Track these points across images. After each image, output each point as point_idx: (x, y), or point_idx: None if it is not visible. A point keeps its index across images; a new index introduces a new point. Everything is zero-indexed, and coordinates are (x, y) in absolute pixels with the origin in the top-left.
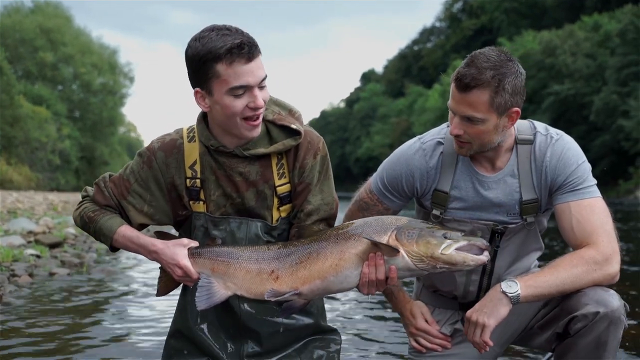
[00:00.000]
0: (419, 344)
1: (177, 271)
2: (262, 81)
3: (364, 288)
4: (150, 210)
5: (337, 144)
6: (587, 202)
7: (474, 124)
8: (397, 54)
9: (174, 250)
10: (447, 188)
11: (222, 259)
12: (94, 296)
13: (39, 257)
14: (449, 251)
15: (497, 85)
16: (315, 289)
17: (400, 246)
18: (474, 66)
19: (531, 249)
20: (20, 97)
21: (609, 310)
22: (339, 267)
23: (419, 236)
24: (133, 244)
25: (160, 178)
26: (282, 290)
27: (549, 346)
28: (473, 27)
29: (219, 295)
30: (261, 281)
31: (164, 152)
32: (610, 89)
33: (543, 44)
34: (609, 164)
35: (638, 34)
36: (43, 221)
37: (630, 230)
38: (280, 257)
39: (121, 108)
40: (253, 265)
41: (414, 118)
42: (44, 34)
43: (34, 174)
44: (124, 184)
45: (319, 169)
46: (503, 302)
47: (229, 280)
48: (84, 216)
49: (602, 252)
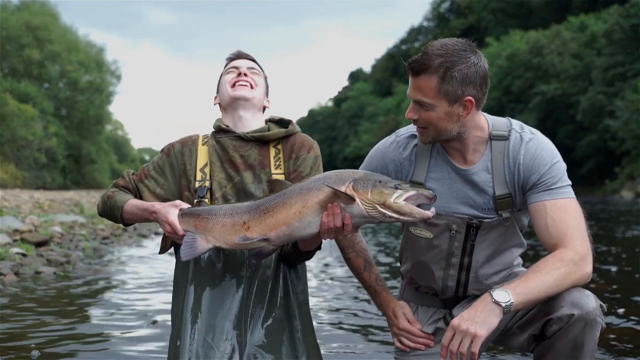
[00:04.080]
0: (403, 343)
1: (167, 227)
2: (250, 68)
3: (324, 234)
4: (162, 193)
5: (325, 143)
6: (562, 202)
7: (425, 110)
8: (385, 53)
9: (167, 209)
10: (422, 179)
11: (203, 216)
12: (80, 295)
13: (24, 255)
14: (399, 201)
15: (444, 72)
16: (282, 234)
17: (356, 195)
18: (426, 52)
19: (511, 245)
20: (7, 95)
21: (583, 313)
22: (302, 213)
23: (373, 186)
24: (138, 209)
25: (174, 164)
26: (252, 236)
27: (528, 347)
28: (461, 26)
29: (200, 248)
30: (235, 232)
31: (181, 144)
32: (597, 89)
33: (530, 43)
34: (595, 164)
35: (624, 35)
36: (29, 219)
37: (612, 229)
38: (251, 210)
39: (108, 106)
40: (228, 219)
41: (401, 117)
42: (31, 31)
43: (20, 172)
44: (144, 172)
45: (311, 164)
46: (495, 312)
47: (209, 234)
48: (104, 196)
49: (578, 252)
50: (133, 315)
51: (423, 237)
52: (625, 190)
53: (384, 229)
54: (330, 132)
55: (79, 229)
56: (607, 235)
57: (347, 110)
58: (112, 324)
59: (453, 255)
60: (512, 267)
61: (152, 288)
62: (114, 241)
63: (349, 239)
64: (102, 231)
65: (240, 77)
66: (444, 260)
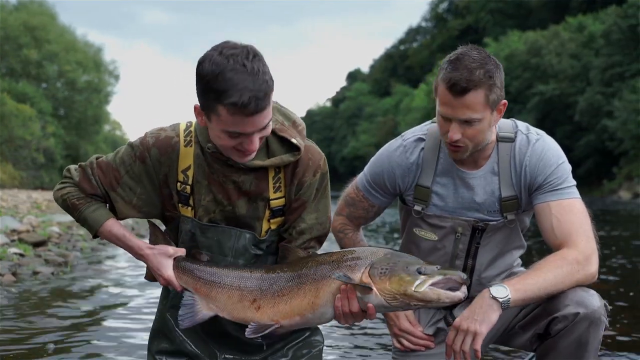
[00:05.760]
0: (402, 345)
1: (161, 280)
2: (262, 128)
3: (340, 319)
4: (139, 203)
5: (323, 143)
6: (567, 203)
7: (472, 125)
8: (384, 54)
9: (159, 260)
10: (428, 183)
11: (205, 279)
12: (78, 295)
13: (22, 255)
14: (423, 288)
15: (490, 83)
16: (295, 323)
17: (373, 284)
18: (464, 68)
19: (513, 246)
20: (4, 95)
21: (589, 311)
22: (315, 305)
23: (391, 273)
24: (120, 242)
25: (152, 174)
26: (264, 322)
27: (531, 346)
28: (459, 27)
29: (201, 315)
30: (243, 308)
31: (158, 150)
32: (595, 90)
33: (528, 44)
34: (593, 164)
35: (622, 35)
36: (27, 220)
37: (613, 230)
38: (262, 287)
39: (106, 106)
40: (235, 291)
41: (400, 117)
42: (29, 31)
43: (17, 172)
44: (114, 174)
45: (317, 186)
46: (493, 308)
47: (212, 302)
48: (68, 201)
49: (582, 252)
50: (131, 314)
51: (428, 239)
52: (623, 190)
53: (385, 228)
54: (329, 133)
55: (77, 229)
56: (606, 236)
57: (345, 110)
58: (109, 323)
59: (457, 257)
60: (512, 268)
61: (150, 288)
62: None
63: (350, 237)
64: None
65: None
66: (447, 262)
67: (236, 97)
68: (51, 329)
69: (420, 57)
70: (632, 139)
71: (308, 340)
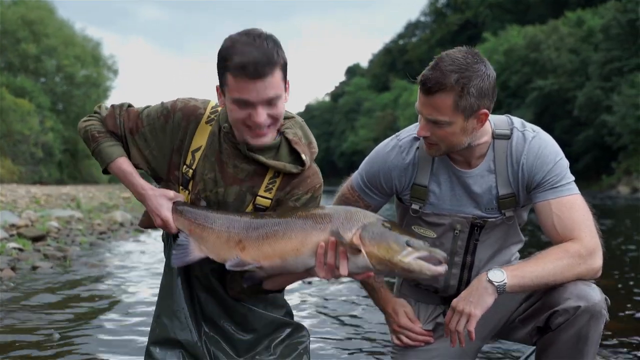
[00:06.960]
0: (402, 341)
1: (158, 220)
2: (269, 100)
3: (320, 271)
4: (150, 157)
5: (322, 138)
6: (567, 199)
7: (440, 127)
8: (382, 48)
9: (159, 201)
10: (425, 182)
11: (198, 221)
12: (77, 289)
13: (21, 250)
14: (408, 259)
15: (462, 89)
16: (275, 266)
17: (362, 246)
18: (439, 69)
19: (511, 242)
20: (3, 90)
21: (589, 305)
22: (299, 251)
23: (381, 239)
24: (126, 179)
25: (169, 135)
26: (246, 260)
27: (531, 340)
28: (458, 21)
29: (192, 255)
30: (229, 248)
31: (182, 114)
32: (594, 84)
33: (527, 39)
34: (592, 159)
35: (621, 30)
36: (26, 214)
37: (612, 224)
38: (249, 229)
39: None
40: (224, 232)
41: (399, 112)
42: (27, 25)
43: (16, 167)
44: (137, 122)
45: (304, 203)
46: (489, 291)
47: (203, 243)
48: (89, 132)
49: (586, 247)
50: (131, 310)
51: (426, 236)
52: (622, 185)
53: None
54: (327, 127)
55: (76, 224)
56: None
57: (344, 105)
58: (108, 318)
59: (456, 254)
60: (510, 262)
61: (149, 283)
62: (110, 236)
63: None
64: (99, 226)
65: (258, 127)
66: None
67: (237, 59)
68: (51, 322)
69: (419, 51)
70: (630, 134)
71: (294, 336)
